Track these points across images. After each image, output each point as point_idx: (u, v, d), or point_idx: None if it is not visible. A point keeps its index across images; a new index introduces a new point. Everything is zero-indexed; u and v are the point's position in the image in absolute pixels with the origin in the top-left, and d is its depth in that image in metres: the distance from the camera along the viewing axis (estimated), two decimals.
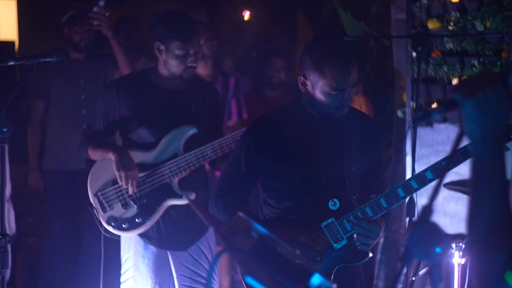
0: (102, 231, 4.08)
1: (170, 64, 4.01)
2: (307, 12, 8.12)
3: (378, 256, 5.61)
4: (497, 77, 1.89)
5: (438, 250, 1.97)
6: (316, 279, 2.13)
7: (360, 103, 5.62)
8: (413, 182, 3.23)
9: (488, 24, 4.58)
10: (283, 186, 3.33)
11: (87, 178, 4.12)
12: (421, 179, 3.22)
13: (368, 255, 3.28)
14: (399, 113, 5.37)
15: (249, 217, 2.21)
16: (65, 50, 5.60)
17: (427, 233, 1.97)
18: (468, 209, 1.93)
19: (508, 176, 1.90)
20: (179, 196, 4.03)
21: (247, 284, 2.63)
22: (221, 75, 5.60)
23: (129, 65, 5.12)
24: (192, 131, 4.04)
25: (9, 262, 3.58)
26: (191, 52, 3.97)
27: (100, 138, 4.13)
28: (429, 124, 5.04)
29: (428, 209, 1.99)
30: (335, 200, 3.26)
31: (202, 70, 5.51)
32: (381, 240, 5.59)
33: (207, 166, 4.84)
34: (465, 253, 3.83)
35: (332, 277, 3.25)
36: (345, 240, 3.25)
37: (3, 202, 3.57)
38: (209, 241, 4.21)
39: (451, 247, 3.76)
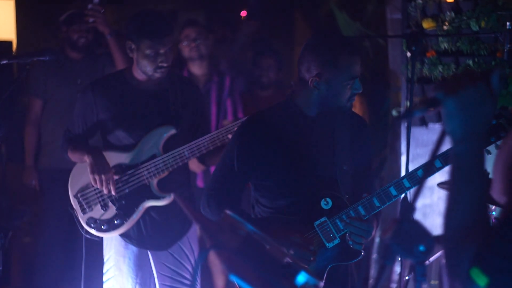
0: (83, 233, 4.08)
1: (141, 64, 3.96)
2: (305, 12, 8.12)
3: (374, 256, 5.62)
4: (479, 76, 1.89)
5: (421, 248, 1.97)
6: (302, 277, 2.14)
7: (354, 102, 5.60)
8: (405, 181, 3.23)
9: (483, 24, 4.59)
10: (275, 185, 3.32)
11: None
12: (413, 178, 3.22)
13: (361, 254, 3.29)
14: (394, 113, 5.38)
15: (238, 216, 2.22)
16: (62, 49, 5.60)
17: (410, 231, 1.98)
18: (445, 204, 1.94)
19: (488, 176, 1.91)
20: (157, 197, 4.02)
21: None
22: (216, 75, 5.60)
23: (127, 62, 5.11)
24: (171, 131, 4.01)
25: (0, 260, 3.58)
26: (161, 51, 3.90)
27: (78, 140, 4.11)
28: (424, 123, 5.05)
29: (410, 207, 2.00)
30: (328, 199, 3.26)
31: (198, 69, 5.52)
32: (376, 240, 5.60)
33: (196, 166, 4.86)
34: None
35: (325, 276, 3.26)
36: (338, 239, 3.25)
37: None
38: (191, 241, 4.19)
39: (434, 245, 3.74)
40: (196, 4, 8.36)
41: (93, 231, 4.06)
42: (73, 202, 4.08)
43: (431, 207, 5.18)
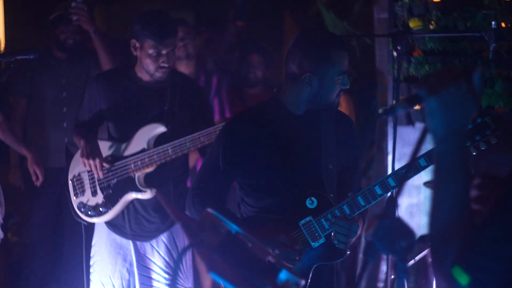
0: (74, 216, 4.28)
1: (143, 62, 4.10)
2: (294, 12, 8.12)
3: (361, 256, 5.62)
4: (461, 74, 1.88)
5: (402, 244, 1.98)
6: (283, 274, 2.13)
7: (341, 101, 5.60)
8: (390, 180, 3.22)
9: (468, 23, 4.59)
10: (260, 185, 3.31)
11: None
12: (398, 177, 3.22)
13: (346, 253, 3.28)
14: (380, 112, 5.37)
15: (220, 214, 2.21)
16: (49, 49, 5.59)
17: (392, 228, 1.98)
18: (430, 203, 1.93)
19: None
20: (140, 190, 4.13)
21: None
22: (203, 74, 5.59)
23: (111, 61, 5.11)
24: (160, 129, 4.12)
25: None
26: (164, 52, 4.03)
27: (83, 126, 4.29)
28: (411, 123, 5.05)
29: (392, 204, 2.00)
30: (313, 198, 3.26)
31: (185, 68, 5.50)
32: (363, 239, 5.60)
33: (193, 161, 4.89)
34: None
35: (310, 275, 3.25)
36: (323, 238, 3.24)
37: None
38: (175, 236, 4.27)
39: (416, 242, 3.76)
40: (184, 4, 8.36)
41: (82, 216, 4.24)
42: (69, 185, 4.30)
43: (418, 206, 5.19)
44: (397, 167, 3.97)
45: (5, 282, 6.02)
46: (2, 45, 7.37)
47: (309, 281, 3.24)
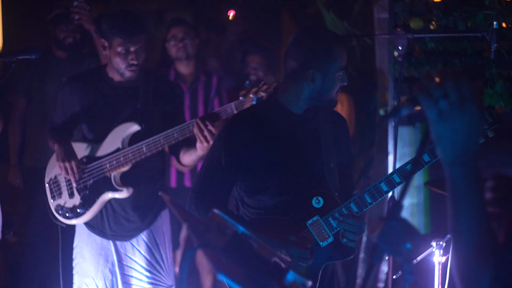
0: (52, 219, 4.31)
1: (113, 61, 4.13)
2: (293, 12, 8.12)
3: (361, 255, 5.63)
4: (461, 75, 1.82)
5: (408, 246, 1.97)
6: (290, 275, 2.13)
7: (341, 101, 5.60)
8: (395, 176, 3.23)
9: (469, 23, 4.60)
10: (264, 185, 3.28)
11: None
12: (403, 173, 3.23)
13: (355, 251, 3.27)
14: (381, 112, 5.38)
15: (226, 215, 2.20)
16: (49, 48, 5.58)
17: (397, 229, 1.98)
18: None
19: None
20: (116, 190, 4.16)
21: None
22: (203, 74, 5.58)
23: None
24: (134, 127, 4.14)
25: None
26: (132, 49, 4.07)
27: (57, 129, 4.30)
28: (412, 123, 5.06)
29: (397, 205, 2.00)
30: (319, 198, 3.24)
31: (185, 69, 5.51)
32: (364, 239, 5.60)
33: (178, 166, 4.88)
34: (445, 252, 3.84)
35: (320, 275, 3.24)
36: (332, 237, 3.23)
37: None
38: (154, 234, 4.32)
39: (421, 243, 3.76)
40: (182, 3, 8.35)
41: (60, 218, 4.27)
42: (46, 188, 4.34)
43: (418, 206, 5.19)
44: (397, 166, 3.98)
45: (4, 282, 6.02)
46: (0, 45, 7.36)
47: (318, 280, 3.23)
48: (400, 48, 4.00)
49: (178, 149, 4.20)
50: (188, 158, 4.16)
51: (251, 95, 3.74)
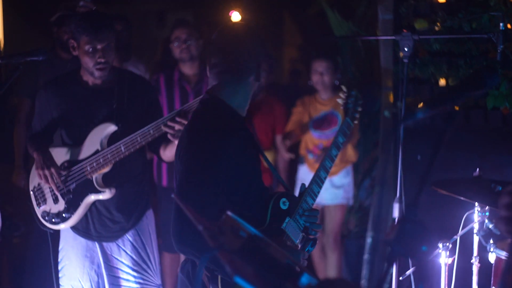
0: (39, 225, 4.31)
1: (83, 61, 4.14)
2: (294, 13, 8.13)
3: (365, 256, 5.63)
4: None
5: (424, 248, 1.97)
6: (305, 278, 2.13)
7: None
8: (327, 161, 3.39)
9: (474, 24, 4.61)
10: (241, 198, 3.06)
11: None
12: (330, 158, 3.40)
13: (316, 241, 3.30)
14: (386, 114, 5.39)
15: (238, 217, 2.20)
16: (53, 49, 5.57)
17: (413, 232, 1.98)
18: None
19: None
20: (99, 191, 4.15)
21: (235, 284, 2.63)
22: (207, 75, 5.58)
23: (116, 62, 5.10)
24: (111, 128, 4.14)
25: None
26: (99, 47, 4.06)
27: (37, 136, 4.29)
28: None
29: (413, 207, 2.00)
30: (284, 199, 3.19)
31: (189, 69, 5.51)
32: (368, 240, 5.60)
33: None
34: (452, 253, 3.85)
35: None
36: (301, 234, 3.23)
37: None
38: (140, 233, 4.32)
39: (437, 245, 3.77)
40: (184, 4, 8.35)
41: (47, 224, 4.27)
42: (31, 196, 4.33)
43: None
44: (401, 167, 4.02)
45: (7, 283, 6.01)
46: (1, 46, 7.35)
47: None
48: (406, 49, 4.01)
49: (157, 146, 4.19)
50: (169, 153, 4.15)
51: None
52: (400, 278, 3.96)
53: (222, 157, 2.93)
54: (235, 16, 7.02)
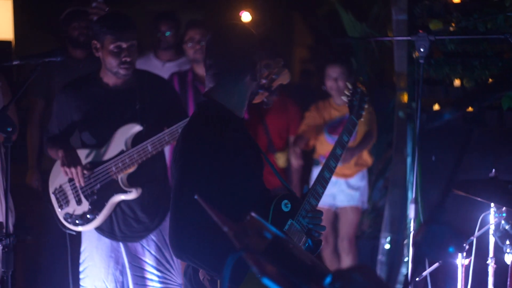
0: (61, 227, 4.31)
1: (106, 62, 4.14)
2: (305, 13, 8.12)
3: (379, 257, 5.62)
4: None
5: (451, 250, 1.97)
6: (330, 278, 2.13)
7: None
8: (331, 161, 3.31)
9: (489, 25, 4.60)
10: (241, 201, 3.02)
11: None
12: (335, 157, 3.32)
13: (321, 242, 3.24)
14: (401, 114, 5.38)
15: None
16: (65, 49, 5.57)
17: (440, 233, 1.98)
18: None
19: None
20: (125, 191, 4.17)
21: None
22: None
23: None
24: (136, 128, 4.17)
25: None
26: (124, 46, 4.09)
27: (56, 138, 4.31)
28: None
29: (440, 209, 2.00)
30: (286, 201, 3.14)
31: (203, 70, 5.48)
32: (381, 241, 5.60)
33: None
34: (468, 254, 3.84)
35: None
36: (305, 235, 3.17)
37: (8, 202, 3.59)
38: (163, 234, 4.33)
39: (463, 246, 3.76)
40: (194, 4, 8.34)
41: (70, 226, 4.27)
42: (52, 198, 4.32)
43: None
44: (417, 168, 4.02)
45: (22, 283, 6.02)
46: (13, 46, 7.36)
47: None
48: (422, 50, 4.00)
49: None
50: None
51: None
52: (417, 279, 3.96)
53: (216, 160, 2.91)
54: (246, 16, 7.00)
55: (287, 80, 3.74)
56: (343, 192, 5.74)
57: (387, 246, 5.54)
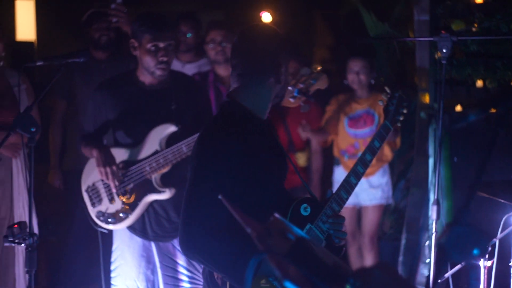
0: (93, 225, 4.33)
1: (143, 61, 4.17)
2: (326, 13, 8.11)
3: (400, 258, 5.61)
4: None
5: (475, 251, 1.96)
6: (352, 279, 2.13)
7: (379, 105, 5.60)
8: (359, 167, 3.19)
9: None
10: (257, 204, 2.95)
11: None
12: (364, 163, 3.21)
13: (343, 249, 3.16)
14: (422, 115, 5.36)
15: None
16: (88, 50, 5.60)
17: (465, 235, 1.97)
18: None
19: None
20: (158, 191, 4.19)
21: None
22: None
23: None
24: (171, 128, 4.18)
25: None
26: (161, 46, 4.12)
27: (90, 136, 4.34)
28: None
29: (465, 210, 1.99)
30: (306, 205, 3.08)
31: (224, 71, 5.50)
32: (402, 242, 5.58)
33: None
34: (491, 256, 3.82)
35: None
36: (324, 241, 3.10)
37: (32, 202, 3.61)
38: None
39: (488, 248, 3.74)
40: (215, 4, 8.35)
41: (102, 224, 4.29)
42: (84, 196, 4.34)
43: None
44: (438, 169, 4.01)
45: (44, 282, 6.06)
46: (35, 46, 7.42)
47: None
48: (444, 50, 3.99)
49: None
50: None
51: (289, 88, 3.66)
52: (439, 280, 3.94)
53: (231, 162, 2.88)
54: (266, 17, 7.00)
55: (325, 85, 3.71)
56: (365, 192, 5.72)
57: (408, 247, 5.52)
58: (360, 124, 5.76)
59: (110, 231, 4.40)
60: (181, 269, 4.32)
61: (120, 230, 4.36)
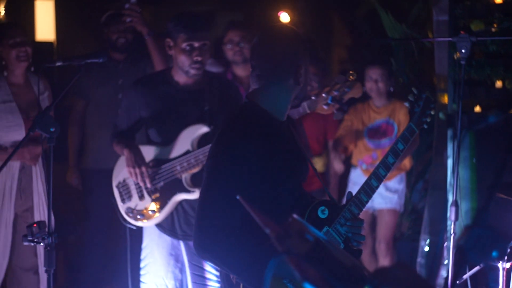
0: (122, 221, 4.36)
1: (178, 60, 4.19)
2: (343, 13, 8.10)
3: (418, 259, 5.59)
4: None
5: (494, 254, 1.96)
6: (370, 280, 2.12)
7: (400, 105, 5.58)
8: (381, 170, 3.15)
9: None
10: (272, 206, 2.93)
11: None
12: (386, 165, 3.15)
13: (361, 252, 3.14)
14: (441, 116, 5.34)
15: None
16: (105, 50, 5.62)
17: (484, 237, 1.96)
18: None
19: None
20: (188, 191, 4.21)
21: None
22: None
23: (165, 63, 5.12)
24: (203, 129, 4.20)
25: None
26: (196, 45, 4.14)
27: (122, 134, 4.37)
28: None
29: (484, 213, 1.98)
30: (323, 207, 3.06)
31: (242, 71, 5.51)
32: (421, 243, 5.56)
33: None
34: (510, 258, 3.80)
35: None
36: (342, 244, 3.07)
37: (51, 202, 3.64)
38: None
39: (507, 250, 3.71)
40: (234, 5, 8.36)
41: (131, 220, 4.33)
42: (115, 192, 4.38)
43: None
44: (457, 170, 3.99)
45: (63, 281, 6.10)
46: (54, 47, 7.45)
47: None
48: (463, 51, 3.98)
49: None
50: None
51: (323, 94, 3.66)
52: (457, 282, 3.93)
53: (247, 163, 2.87)
54: (284, 17, 6.99)
55: (359, 93, 3.70)
56: (381, 195, 5.68)
57: (427, 249, 5.50)
58: (379, 134, 5.71)
59: (139, 229, 4.44)
60: (209, 269, 4.32)
61: (149, 229, 4.39)
